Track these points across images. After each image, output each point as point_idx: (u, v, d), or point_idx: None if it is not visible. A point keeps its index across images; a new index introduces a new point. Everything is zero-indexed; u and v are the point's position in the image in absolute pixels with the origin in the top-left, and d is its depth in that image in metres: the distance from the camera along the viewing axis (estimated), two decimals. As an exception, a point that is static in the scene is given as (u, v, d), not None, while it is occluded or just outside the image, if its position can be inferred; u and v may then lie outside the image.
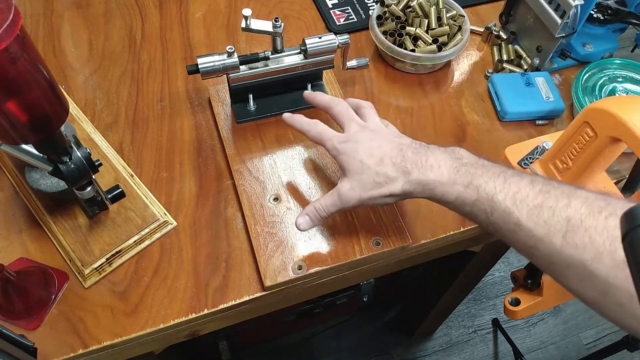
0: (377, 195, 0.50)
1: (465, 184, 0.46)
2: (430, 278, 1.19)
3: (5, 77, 0.37)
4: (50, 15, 0.80)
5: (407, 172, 0.48)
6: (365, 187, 0.50)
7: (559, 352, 1.52)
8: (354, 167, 0.50)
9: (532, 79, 0.72)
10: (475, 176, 0.46)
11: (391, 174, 0.49)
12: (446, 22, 0.74)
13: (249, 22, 0.59)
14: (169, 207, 0.61)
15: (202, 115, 0.69)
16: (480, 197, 0.45)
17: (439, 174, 0.47)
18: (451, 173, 0.47)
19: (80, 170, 0.48)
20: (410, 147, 0.50)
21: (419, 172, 0.48)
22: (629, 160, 0.66)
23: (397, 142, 0.51)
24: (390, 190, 0.49)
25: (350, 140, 0.52)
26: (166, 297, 0.55)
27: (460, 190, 0.46)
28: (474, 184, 0.45)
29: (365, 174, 0.50)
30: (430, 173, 0.48)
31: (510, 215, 0.43)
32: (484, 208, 0.45)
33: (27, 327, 0.52)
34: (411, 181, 0.48)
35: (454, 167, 0.47)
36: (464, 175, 0.46)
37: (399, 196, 0.50)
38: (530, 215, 0.41)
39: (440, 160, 0.48)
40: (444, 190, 0.47)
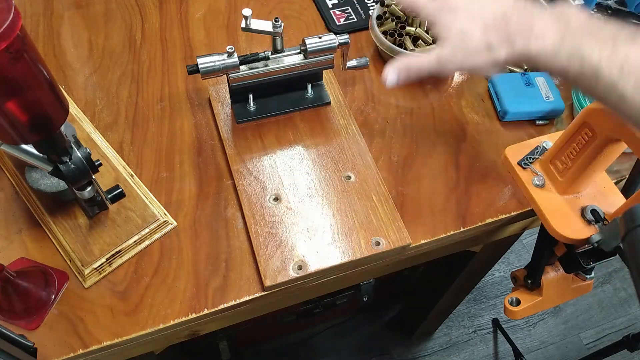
0: (479, 63, 0.48)
1: (568, 55, 0.43)
2: (430, 278, 1.19)
3: (5, 77, 0.37)
4: (50, 15, 0.80)
5: (511, 41, 0.46)
6: (467, 54, 0.48)
7: (559, 352, 1.52)
8: (452, 37, 0.48)
9: (532, 79, 0.72)
10: (581, 45, 0.42)
11: (495, 41, 0.46)
12: (446, 22, 0.74)
13: (249, 22, 0.59)
14: (169, 207, 0.61)
15: (202, 115, 0.69)
16: (584, 70, 0.42)
17: (542, 45, 0.45)
18: (555, 42, 0.44)
19: (80, 170, 0.48)
20: (515, 9, 0.47)
21: (523, 42, 0.45)
22: (629, 160, 0.66)
23: (500, 4, 0.48)
24: (494, 59, 0.47)
25: (448, 6, 0.49)
26: (166, 297, 0.55)
27: (564, 63, 0.43)
28: (579, 54, 0.42)
29: (468, 41, 0.47)
30: (535, 43, 0.45)
31: (615, 88, 0.40)
32: (588, 80, 0.42)
33: (27, 327, 0.52)
34: (515, 52, 0.46)
35: (560, 34, 0.44)
36: (569, 44, 0.43)
37: (503, 64, 0.48)
38: (637, 87, 0.39)
39: (546, 26, 0.45)
40: (547, 62, 0.45)
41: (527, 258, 1.65)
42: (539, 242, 0.66)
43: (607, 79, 0.41)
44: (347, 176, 0.62)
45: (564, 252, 0.63)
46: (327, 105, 0.69)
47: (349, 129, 0.67)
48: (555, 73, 0.46)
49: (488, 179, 0.65)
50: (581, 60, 0.42)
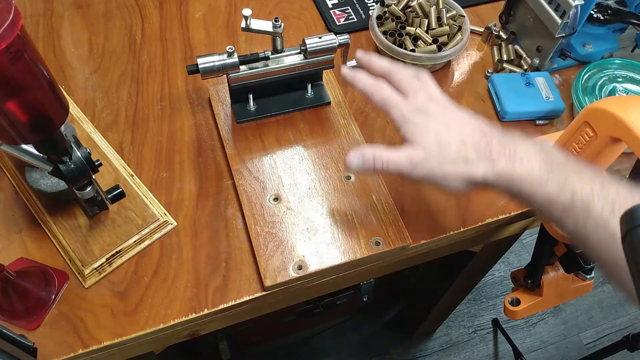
0: (453, 173, 0.44)
1: (558, 186, 0.41)
2: (430, 278, 1.19)
3: (6, 77, 0.37)
4: (50, 15, 0.80)
5: (492, 160, 0.43)
6: (443, 162, 0.45)
7: (559, 352, 1.52)
8: (428, 141, 0.45)
9: (532, 79, 0.72)
10: (570, 178, 0.41)
11: (473, 157, 0.44)
12: (446, 22, 0.74)
13: (249, 22, 0.59)
14: (169, 207, 0.61)
15: (202, 115, 0.69)
16: (575, 204, 0.40)
17: (529, 169, 0.42)
18: (542, 171, 0.42)
19: (80, 170, 0.48)
20: (494, 134, 0.45)
21: (506, 163, 0.43)
22: (629, 160, 0.66)
23: (478, 125, 0.46)
24: (470, 173, 0.44)
25: (421, 110, 0.47)
26: (166, 297, 0.55)
27: (552, 193, 0.41)
28: (569, 187, 0.41)
29: (445, 149, 0.45)
30: (520, 166, 0.43)
31: (607, 226, 0.38)
32: (575, 216, 0.40)
33: (27, 327, 0.52)
34: (497, 171, 0.43)
35: (547, 163, 0.42)
36: (557, 175, 0.41)
37: (476, 183, 0.45)
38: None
39: (530, 154, 0.43)
40: (532, 190, 0.42)
41: (527, 258, 1.65)
42: (539, 242, 0.66)
43: (599, 216, 0.39)
44: (347, 176, 0.62)
45: (564, 252, 0.63)
46: (327, 105, 0.69)
47: (349, 129, 0.67)
48: (538, 202, 0.43)
49: (488, 179, 0.65)
50: (572, 193, 0.41)
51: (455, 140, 0.45)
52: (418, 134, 0.46)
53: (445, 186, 0.46)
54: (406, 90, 0.49)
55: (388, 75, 0.51)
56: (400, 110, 0.48)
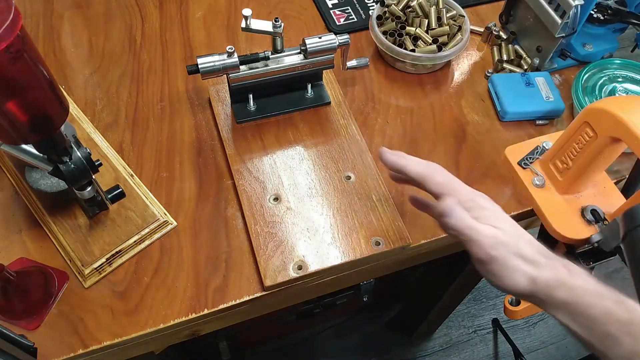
0: (521, 269, 0.43)
1: (616, 300, 0.40)
2: (430, 278, 1.19)
3: (5, 77, 0.37)
4: (50, 15, 0.80)
5: (555, 268, 0.43)
6: (515, 254, 0.44)
7: (559, 352, 1.52)
8: (506, 227, 0.45)
9: (532, 79, 0.72)
10: (622, 295, 0.40)
11: (541, 260, 0.44)
12: (446, 22, 0.74)
13: (249, 22, 0.59)
14: (169, 207, 0.61)
15: (202, 115, 0.69)
16: (634, 320, 0.39)
17: (586, 282, 0.42)
18: (599, 285, 0.41)
19: (80, 170, 0.48)
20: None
21: (567, 273, 0.42)
22: (629, 160, 0.66)
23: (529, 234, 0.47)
24: (536, 274, 0.43)
25: (482, 200, 0.47)
26: (166, 297, 0.55)
27: (611, 307, 0.40)
28: (626, 303, 0.40)
29: (519, 243, 0.44)
30: (578, 278, 0.42)
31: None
32: (636, 331, 0.39)
33: (27, 327, 0.52)
34: (558, 278, 0.42)
35: (599, 280, 0.42)
36: (613, 290, 0.41)
37: (536, 286, 0.43)
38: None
39: (582, 271, 0.43)
40: (590, 302, 0.41)
41: (527, 258, 1.65)
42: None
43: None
44: (347, 176, 0.62)
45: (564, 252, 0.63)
46: (327, 105, 0.69)
47: (349, 129, 0.67)
48: (594, 315, 0.41)
49: (488, 179, 0.65)
50: (630, 310, 0.40)
51: (526, 237, 0.45)
52: (495, 219, 0.45)
53: (507, 279, 0.44)
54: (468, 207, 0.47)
55: (423, 180, 0.50)
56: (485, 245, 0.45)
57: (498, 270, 0.44)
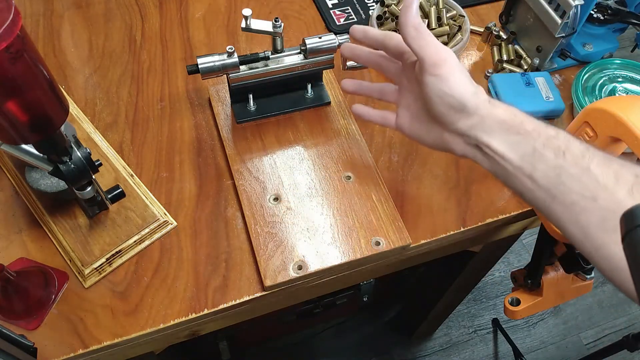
0: (466, 82, 0.46)
1: (543, 121, 0.44)
2: (430, 278, 1.19)
3: (5, 77, 0.37)
4: (50, 15, 0.80)
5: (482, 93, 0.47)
6: (462, 70, 0.47)
7: (559, 352, 1.52)
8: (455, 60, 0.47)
9: (532, 79, 0.72)
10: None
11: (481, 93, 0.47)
12: (446, 22, 0.74)
13: (249, 22, 0.59)
14: (169, 207, 0.61)
15: (202, 115, 0.69)
16: (560, 134, 0.42)
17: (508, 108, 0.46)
18: (517, 110, 0.46)
19: (80, 170, 0.48)
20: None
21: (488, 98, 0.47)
22: (629, 160, 0.65)
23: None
24: (476, 92, 0.46)
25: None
26: (166, 297, 0.55)
27: (540, 124, 0.44)
28: (551, 125, 0.44)
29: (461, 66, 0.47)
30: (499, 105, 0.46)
31: (582, 158, 0.40)
32: (559, 145, 0.42)
33: (27, 327, 0.52)
34: (489, 97, 0.46)
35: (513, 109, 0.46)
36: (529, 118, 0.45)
37: (471, 98, 0.46)
38: (600, 163, 0.40)
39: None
40: (524, 119, 0.44)
41: (527, 258, 1.65)
42: (539, 242, 0.66)
43: (578, 148, 0.42)
44: (347, 176, 0.62)
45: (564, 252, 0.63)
46: (327, 105, 0.69)
47: (349, 129, 0.67)
48: (524, 132, 0.44)
49: (488, 179, 0.65)
50: (556, 130, 0.44)
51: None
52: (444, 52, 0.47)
53: (457, 84, 0.46)
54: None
55: (382, 42, 0.53)
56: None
57: (446, 73, 0.46)
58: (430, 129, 0.51)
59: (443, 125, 0.48)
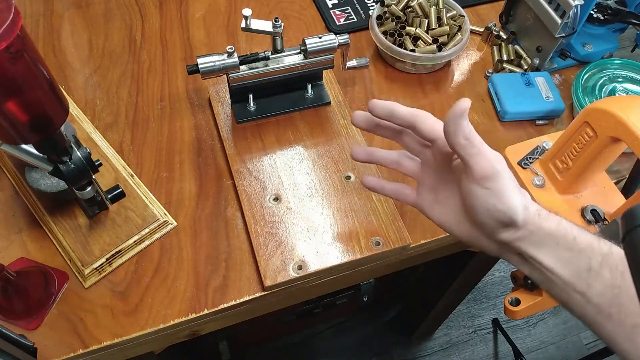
0: (517, 195, 0.42)
1: (595, 236, 0.41)
2: (430, 278, 1.19)
3: (5, 77, 0.37)
4: (50, 15, 0.80)
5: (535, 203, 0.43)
6: (512, 179, 0.42)
7: (559, 352, 1.52)
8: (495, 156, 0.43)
9: (532, 79, 0.72)
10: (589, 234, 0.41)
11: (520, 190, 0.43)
12: (446, 22, 0.74)
13: (249, 22, 0.59)
14: (169, 207, 0.61)
15: (202, 115, 0.69)
16: (613, 251, 0.39)
17: (557, 219, 0.42)
18: (569, 222, 0.42)
19: (80, 170, 0.48)
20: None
21: (536, 206, 0.42)
22: (629, 160, 0.66)
23: None
24: (525, 203, 0.42)
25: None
26: (166, 297, 0.55)
27: (593, 240, 0.40)
28: (603, 238, 0.40)
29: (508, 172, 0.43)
30: (547, 216, 0.42)
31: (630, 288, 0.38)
32: (616, 265, 0.39)
33: (27, 327, 0.52)
34: (540, 208, 0.42)
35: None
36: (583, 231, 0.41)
37: (520, 212, 0.41)
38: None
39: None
40: (576, 234, 0.40)
41: (527, 258, 1.65)
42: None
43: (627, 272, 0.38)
44: (347, 176, 0.62)
45: (564, 252, 0.63)
46: (327, 105, 0.69)
47: (349, 129, 0.67)
48: (579, 247, 0.41)
49: (488, 179, 0.65)
50: (610, 245, 0.41)
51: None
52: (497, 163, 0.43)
53: (506, 198, 0.41)
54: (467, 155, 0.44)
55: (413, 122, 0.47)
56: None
57: (498, 188, 0.41)
58: (461, 224, 0.46)
59: (482, 230, 0.44)
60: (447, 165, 0.47)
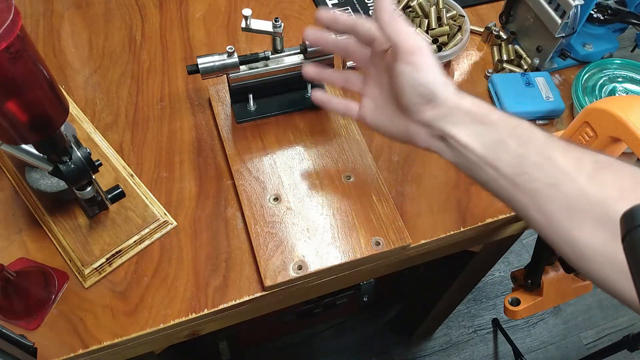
0: (438, 70, 0.46)
1: (506, 112, 0.44)
2: (430, 278, 1.19)
3: (5, 77, 0.37)
4: (50, 15, 0.80)
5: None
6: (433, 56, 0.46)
7: (559, 352, 1.52)
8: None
9: (532, 79, 0.72)
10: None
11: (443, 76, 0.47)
12: (446, 22, 0.74)
13: (249, 22, 0.59)
14: (169, 207, 0.61)
15: (202, 115, 0.69)
16: (522, 123, 0.43)
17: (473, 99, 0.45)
18: (482, 102, 0.46)
19: (80, 170, 0.48)
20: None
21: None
22: (629, 160, 0.65)
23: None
24: (446, 81, 0.46)
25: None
26: (166, 297, 0.55)
27: (503, 114, 0.44)
28: (514, 115, 0.44)
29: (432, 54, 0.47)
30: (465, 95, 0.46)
31: (545, 146, 0.41)
32: (521, 134, 0.42)
33: (27, 327, 0.52)
34: (458, 89, 0.46)
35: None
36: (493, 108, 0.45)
37: (443, 87, 0.45)
38: (562, 150, 0.40)
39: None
40: (489, 110, 0.44)
41: (527, 258, 1.65)
42: (539, 242, 0.66)
43: (541, 136, 0.42)
44: (347, 176, 0.62)
45: (564, 252, 0.63)
46: (327, 105, 0.69)
47: (349, 129, 0.67)
48: (490, 122, 0.44)
49: (488, 179, 0.65)
50: (518, 120, 0.44)
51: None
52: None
53: (428, 72, 0.45)
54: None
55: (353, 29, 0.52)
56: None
57: (421, 62, 0.45)
58: (394, 120, 0.50)
59: (409, 115, 0.48)
60: (383, 68, 0.51)
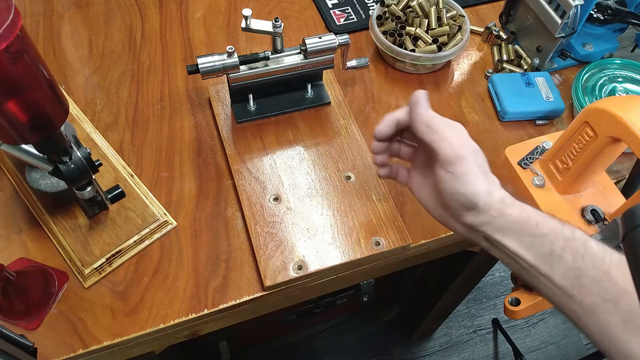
0: (482, 179, 0.45)
1: (560, 221, 0.43)
2: (430, 278, 1.19)
3: (6, 77, 0.37)
4: (50, 15, 0.80)
5: (502, 188, 0.45)
6: (480, 165, 0.45)
7: (559, 352, 1.52)
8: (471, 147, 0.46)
9: (532, 79, 0.72)
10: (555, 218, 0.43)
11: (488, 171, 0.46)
12: (446, 22, 0.74)
13: (249, 22, 0.59)
14: (169, 207, 0.61)
15: (202, 115, 0.69)
16: (576, 235, 0.41)
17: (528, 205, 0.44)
18: (531, 208, 0.44)
19: (80, 170, 0.48)
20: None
21: (510, 194, 0.45)
22: (629, 160, 0.66)
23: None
24: (491, 188, 0.44)
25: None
26: (166, 297, 0.55)
27: (556, 226, 0.42)
28: (568, 224, 0.42)
29: (479, 154, 0.46)
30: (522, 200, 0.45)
31: (602, 261, 0.40)
32: (576, 248, 0.41)
33: (27, 327, 0.52)
34: (505, 194, 0.44)
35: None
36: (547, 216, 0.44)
37: (484, 198, 0.44)
38: (619, 266, 0.39)
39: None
40: (539, 221, 0.42)
41: (527, 258, 1.65)
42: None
43: (595, 248, 0.41)
44: (347, 176, 0.62)
45: (564, 252, 0.63)
46: (327, 105, 0.69)
47: (349, 129, 0.67)
48: (542, 231, 0.43)
49: (488, 179, 0.65)
50: (572, 227, 0.42)
51: (483, 156, 0.46)
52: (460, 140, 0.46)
53: (469, 183, 0.44)
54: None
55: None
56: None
57: (461, 172, 0.44)
58: (437, 206, 0.49)
59: (450, 213, 0.47)
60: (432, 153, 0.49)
